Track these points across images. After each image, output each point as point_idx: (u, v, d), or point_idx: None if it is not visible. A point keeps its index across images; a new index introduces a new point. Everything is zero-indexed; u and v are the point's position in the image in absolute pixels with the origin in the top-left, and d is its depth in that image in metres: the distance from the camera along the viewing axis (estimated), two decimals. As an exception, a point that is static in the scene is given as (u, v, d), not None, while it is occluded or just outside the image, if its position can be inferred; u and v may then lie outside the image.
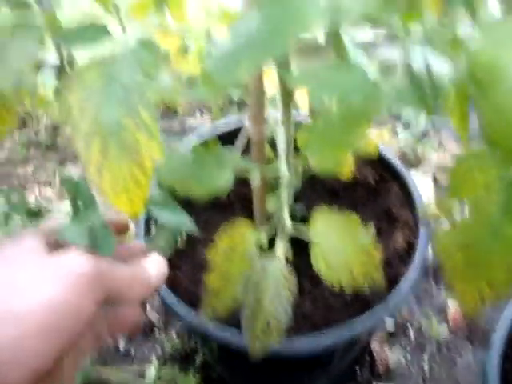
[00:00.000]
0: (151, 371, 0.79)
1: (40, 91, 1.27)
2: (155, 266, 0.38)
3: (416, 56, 0.35)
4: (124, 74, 0.35)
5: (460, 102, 0.34)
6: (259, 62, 0.26)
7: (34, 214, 0.47)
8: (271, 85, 0.62)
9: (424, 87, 0.27)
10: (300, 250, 0.43)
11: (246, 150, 0.52)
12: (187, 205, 0.66)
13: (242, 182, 0.52)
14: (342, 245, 0.37)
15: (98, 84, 0.35)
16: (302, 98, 0.56)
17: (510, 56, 0.22)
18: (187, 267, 0.59)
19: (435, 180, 1.05)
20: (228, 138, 0.70)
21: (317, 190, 0.67)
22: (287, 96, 0.42)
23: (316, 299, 0.59)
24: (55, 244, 0.35)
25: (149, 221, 0.61)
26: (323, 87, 0.29)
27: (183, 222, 0.42)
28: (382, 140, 0.58)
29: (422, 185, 1.01)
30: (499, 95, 0.22)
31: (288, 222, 0.39)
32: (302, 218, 0.61)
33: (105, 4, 0.43)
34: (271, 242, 0.45)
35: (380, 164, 0.68)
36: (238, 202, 0.68)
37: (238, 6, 0.47)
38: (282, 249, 0.40)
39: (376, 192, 0.68)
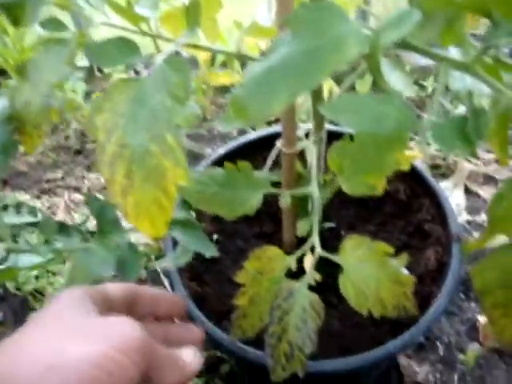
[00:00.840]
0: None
1: (69, 95, 1.29)
2: (191, 356, 0.37)
3: (456, 83, 0.33)
4: (152, 97, 0.33)
5: (501, 129, 0.33)
6: (296, 93, 0.25)
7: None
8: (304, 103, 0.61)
9: (467, 125, 0.26)
10: (327, 263, 0.41)
11: (277, 162, 0.52)
12: (213, 217, 0.66)
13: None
14: (372, 273, 0.36)
15: (125, 106, 0.34)
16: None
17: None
18: (214, 282, 0.58)
19: (467, 190, 1.02)
20: (258, 146, 0.69)
21: (345, 204, 0.66)
22: (319, 118, 0.41)
23: (344, 315, 0.58)
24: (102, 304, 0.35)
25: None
26: (357, 116, 0.28)
27: (204, 246, 0.42)
28: (414, 155, 0.56)
29: (454, 195, 0.99)
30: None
31: (318, 248, 0.38)
32: (331, 237, 0.60)
33: (134, 20, 0.42)
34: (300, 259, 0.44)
35: (411, 177, 0.67)
36: (265, 213, 0.68)
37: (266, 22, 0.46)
38: (310, 274, 0.39)
39: (407, 206, 0.66)
